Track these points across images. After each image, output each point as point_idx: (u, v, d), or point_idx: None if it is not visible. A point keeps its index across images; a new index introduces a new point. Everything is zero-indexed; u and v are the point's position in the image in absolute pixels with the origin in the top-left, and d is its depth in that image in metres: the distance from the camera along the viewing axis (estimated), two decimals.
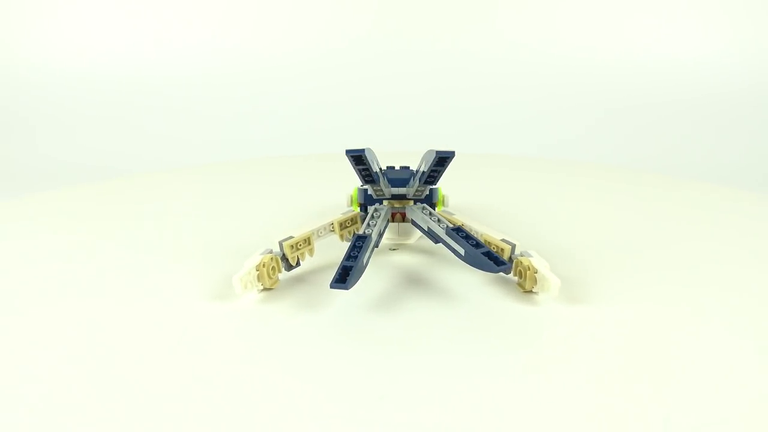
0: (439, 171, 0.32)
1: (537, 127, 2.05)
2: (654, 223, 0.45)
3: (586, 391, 0.22)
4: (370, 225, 0.33)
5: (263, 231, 0.43)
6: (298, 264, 0.33)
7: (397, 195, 0.36)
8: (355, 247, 0.30)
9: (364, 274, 0.31)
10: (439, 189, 0.39)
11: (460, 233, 0.31)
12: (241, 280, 0.29)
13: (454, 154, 0.31)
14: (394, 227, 0.38)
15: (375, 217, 0.34)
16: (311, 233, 0.34)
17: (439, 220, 0.33)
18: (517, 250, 0.33)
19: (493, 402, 0.22)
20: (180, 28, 2.16)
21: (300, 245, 0.33)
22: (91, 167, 1.85)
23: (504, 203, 0.51)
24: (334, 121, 2.08)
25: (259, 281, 0.31)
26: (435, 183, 0.34)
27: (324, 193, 0.54)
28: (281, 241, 0.33)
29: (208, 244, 0.40)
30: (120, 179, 0.62)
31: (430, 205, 0.38)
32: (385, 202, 0.36)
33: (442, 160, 0.31)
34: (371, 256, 0.32)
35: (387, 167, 0.40)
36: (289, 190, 0.56)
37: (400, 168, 0.39)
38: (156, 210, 0.49)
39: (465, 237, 0.31)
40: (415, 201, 0.37)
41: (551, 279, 0.30)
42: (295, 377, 0.23)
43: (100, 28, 2.14)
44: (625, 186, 0.58)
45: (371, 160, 0.32)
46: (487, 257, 0.29)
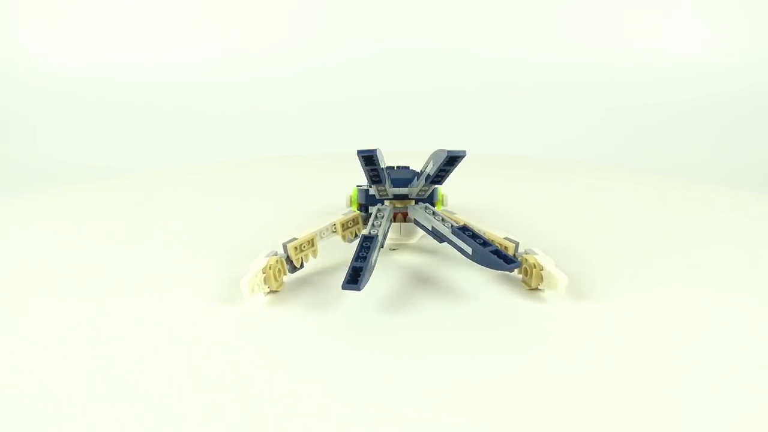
0: (448, 171, 0.32)
1: (537, 127, 2.05)
2: (654, 223, 0.45)
3: (601, 389, 0.22)
4: (375, 225, 0.33)
5: (264, 232, 0.43)
6: (302, 266, 0.33)
7: (398, 195, 0.36)
8: (363, 247, 0.30)
9: (371, 275, 0.31)
10: (438, 188, 0.39)
11: (466, 232, 0.31)
12: (248, 284, 0.29)
13: (465, 153, 0.30)
14: (397, 227, 0.38)
15: (379, 218, 0.34)
16: (314, 234, 0.34)
17: (443, 219, 0.33)
18: (520, 248, 0.33)
19: (511, 401, 0.22)
20: (180, 28, 2.16)
21: (304, 247, 0.33)
22: (91, 167, 1.85)
23: (503, 203, 0.51)
24: (333, 121, 2.08)
25: (265, 284, 0.30)
26: (441, 183, 0.34)
27: (323, 194, 0.54)
28: (285, 242, 0.32)
29: (209, 245, 0.40)
30: (120, 179, 0.62)
31: (430, 204, 0.37)
32: (386, 202, 0.36)
33: (453, 159, 0.31)
34: (378, 256, 0.32)
35: (385, 167, 0.40)
36: (288, 190, 0.56)
37: (397, 168, 0.39)
38: (156, 210, 0.49)
39: (472, 236, 0.31)
40: (416, 201, 0.36)
41: (558, 276, 0.30)
42: (310, 380, 0.23)
43: (100, 28, 2.14)
44: (626, 186, 0.58)
45: (381, 161, 0.32)
46: (496, 255, 0.29)
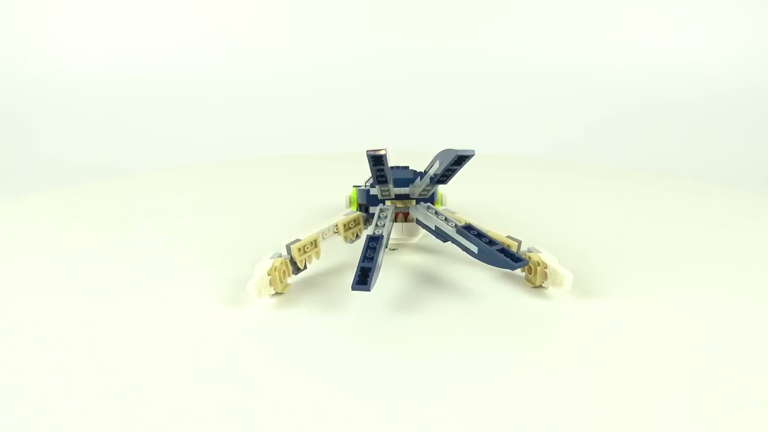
0: (455, 170, 0.32)
1: (537, 127, 2.05)
2: (654, 223, 0.45)
3: (614, 387, 0.22)
4: (379, 225, 0.33)
5: (265, 232, 0.43)
6: (305, 267, 0.33)
7: (400, 195, 0.36)
8: (370, 248, 0.30)
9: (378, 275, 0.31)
10: (437, 188, 0.39)
11: (471, 231, 0.31)
12: (256, 286, 0.29)
13: (474, 153, 0.30)
14: (398, 227, 0.38)
15: (382, 218, 0.34)
16: (317, 235, 0.33)
17: (446, 218, 0.33)
18: (523, 247, 0.34)
19: (531, 400, 0.22)
20: (180, 28, 2.15)
21: (307, 248, 0.32)
22: (91, 167, 1.85)
23: (502, 203, 0.51)
24: (333, 122, 2.08)
25: (271, 286, 0.30)
26: (446, 182, 0.34)
27: (321, 194, 0.54)
28: (288, 244, 0.32)
29: (210, 245, 0.40)
30: (120, 179, 0.62)
31: (430, 203, 0.37)
32: (388, 202, 0.36)
33: (461, 159, 0.30)
34: (383, 257, 0.32)
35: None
36: (287, 190, 0.56)
37: (395, 168, 0.39)
38: (156, 210, 0.49)
39: (477, 235, 0.31)
40: (417, 200, 0.36)
41: (564, 273, 0.30)
42: (327, 383, 0.23)
43: (100, 28, 2.14)
44: (626, 186, 0.58)
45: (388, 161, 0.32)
46: (503, 254, 0.29)
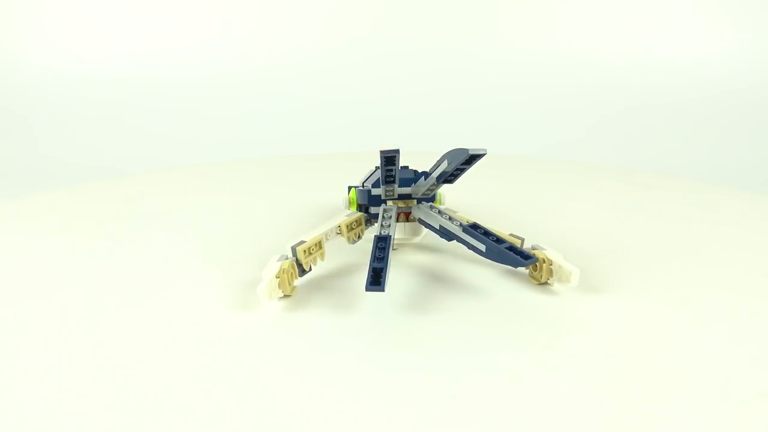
0: (464, 170, 0.32)
1: (537, 127, 2.06)
2: (654, 223, 0.45)
3: (635, 381, 0.22)
4: (384, 226, 0.33)
5: (267, 233, 0.42)
6: (310, 269, 0.32)
7: (402, 195, 0.36)
8: (379, 248, 0.30)
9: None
10: None
11: (478, 230, 0.31)
12: (267, 289, 0.28)
13: (485, 152, 0.29)
14: (401, 227, 0.38)
15: (387, 218, 0.34)
16: (321, 237, 0.33)
17: (450, 218, 0.33)
18: (526, 245, 0.34)
19: (557, 397, 0.22)
20: (180, 28, 2.16)
21: (312, 249, 0.32)
22: (91, 167, 1.85)
23: (502, 203, 0.51)
24: (333, 122, 2.08)
25: (280, 288, 0.30)
26: (453, 182, 0.34)
27: (322, 194, 0.54)
28: (294, 246, 0.31)
29: (212, 246, 0.39)
30: (120, 179, 0.62)
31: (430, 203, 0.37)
32: (389, 202, 0.36)
33: (473, 158, 0.30)
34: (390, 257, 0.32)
35: (377, 167, 0.40)
36: (286, 190, 0.56)
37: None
38: (157, 211, 0.49)
39: (484, 233, 0.31)
40: (419, 200, 0.36)
41: (571, 269, 0.30)
42: (352, 387, 0.23)
43: (101, 28, 2.14)
44: (626, 186, 0.58)
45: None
46: (512, 252, 0.29)
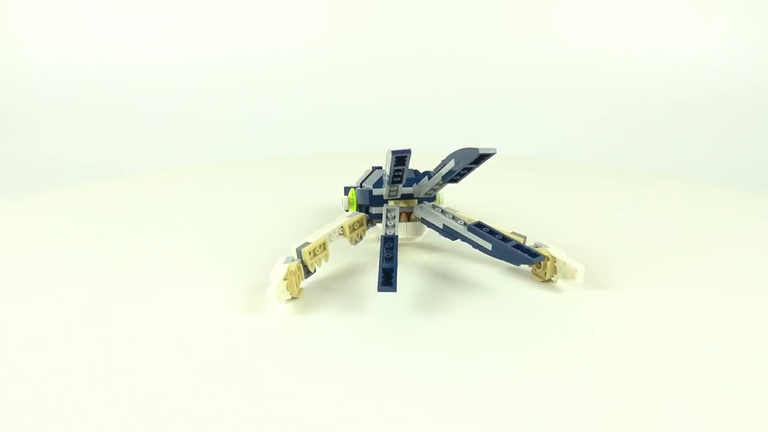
0: (471, 169, 0.31)
1: (537, 127, 2.05)
2: (654, 224, 0.45)
3: (653, 376, 0.22)
4: (389, 226, 0.33)
5: (269, 234, 0.42)
6: (314, 270, 0.32)
7: (405, 194, 0.36)
8: (387, 248, 0.30)
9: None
10: None
11: (483, 228, 0.31)
12: (277, 291, 0.28)
13: (495, 151, 0.29)
14: (403, 226, 0.38)
15: (391, 218, 0.34)
16: (326, 238, 0.33)
17: (454, 217, 0.33)
18: (529, 242, 0.34)
19: (576, 393, 0.22)
20: (180, 28, 2.16)
21: (317, 251, 0.32)
22: (91, 167, 1.85)
23: (502, 203, 0.51)
24: (333, 122, 2.08)
25: (288, 290, 0.29)
26: (458, 182, 0.34)
27: (322, 194, 0.54)
28: (299, 247, 0.31)
29: (215, 247, 0.39)
30: (120, 179, 0.62)
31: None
32: (391, 202, 0.36)
33: (482, 157, 0.29)
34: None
35: (373, 167, 0.40)
36: (289, 191, 0.56)
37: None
38: (157, 211, 0.49)
39: (490, 232, 0.31)
40: (420, 200, 0.36)
41: (576, 266, 0.30)
42: (371, 389, 0.22)
43: (100, 28, 2.14)
44: (626, 186, 0.58)
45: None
46: (520, 250, 0.29)
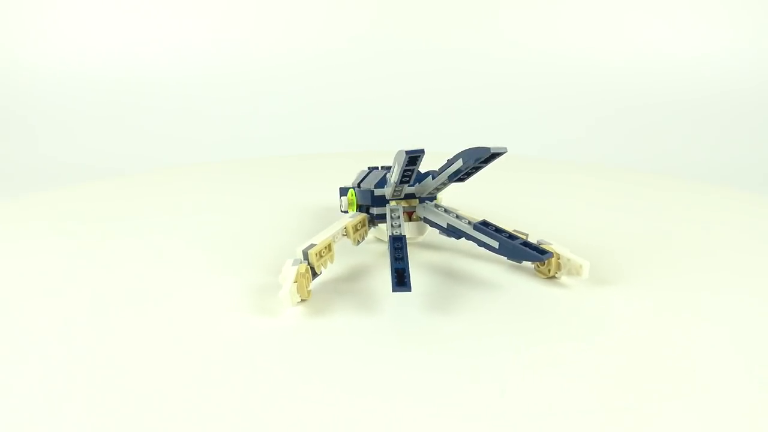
0: (479, 168, 0.31)
1: (537, 127, 2.06)
2: (654, 224, 0.45)
3: (676, 371, 0.22)
4: (394, 226, 0.33)
5: (270, 234, 0.42)
6: (320, 272, 0.32)
7: (407, 194, 0.36)
8: (396, 248, 0.30)
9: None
10: None
11: (489, 227, 0.31)
12: (290, 294, 0.28)
13: (506, 150, 0.29)
14: (404, 226, 0.38)
15: (395, 218, 0.34)
16: (330, 239, 0.32)
17: (457, 216, 0.33)
18: (531, 240, 0.34)
19: (596, 388, 0.22)
20: (180, 28, 2.16)
21: (323, 253, 0.31)
22: (91, 167, 1.85)
23: (501, 203, 0.51)
24: (333, 122, 2.08)
25: (298, 293, 0.29)
26: (465, 181, 0.33)
27: (322, 194, 0.54)
28: (305, 249, 0.30)
29: (217, 248, 0.39)
30: (120, 179, 0.62)
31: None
32: (393, 202, 0.36)
33: (493, 156, 0.29)
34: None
35: (369, 168, 0.40)
36: (289, 191, 0.56)
37: (382, 168, 0.39)
38: (157, 211, 0.49)
39: (496, 230, 0.31)
40: (421, 199, 0.36)
41: (581, 261, 0.30)
42: (395, 390, 0.22)
43: (100, 28, 2.14)
44: (626, 186, 0.58)
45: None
46: (527, 247, 0.29)
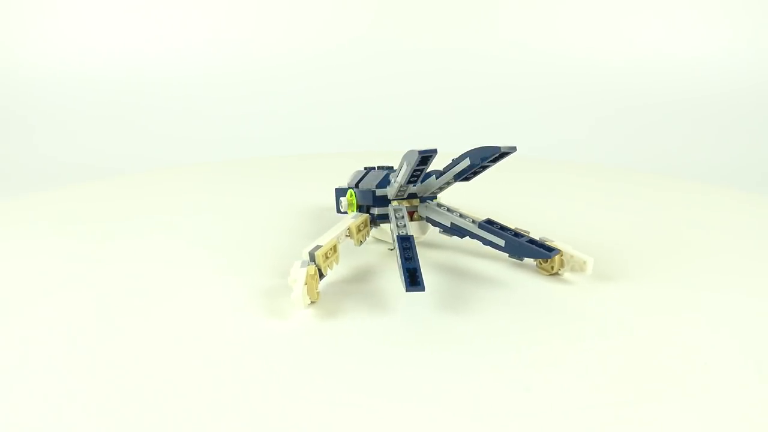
0: (486, 167, 0.31)
1: (537, 127, 2.05)
2: (654, 224, 0.45)
3: (682, 370, 0.22)
4: (400, 226, 0.32)
5: (271, 235, 0.42)
6: (326, 274, 0.31)
7: (409, 194, 0.36)
8: (405, 248, 0.30)
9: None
10: None
11: (494, 225, 0.32)
12: (302, 296, 0.27)
13: (515, 149, 0.29)
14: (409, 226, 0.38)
15: (399, 217, 0.33)
16: (336, 240, 0.32)
17: (461, 215, 0.33)
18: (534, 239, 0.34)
19: (617, 384, 0.22)
20: (180, 29, 2.16)
21: (329, 254, 0.31)
22: (91, 167, 1.85)
23: (501, 204, 0.51)
24: (333, 122, 2.08)
25: (308, 295, 0.29)
26: (470, 180, 0.33)
27: (322, 194, 0.54)
28: (311, 251, 0.30)
29: (220, 249, 0.39)
30: (120, 178, 0.62)
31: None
32: (395, 202, 0.36)
33: (501, 155, 0.29)
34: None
35: (365, 168, 0.40)
36: (289, 191, 0.56)
37: (378, 168, 0.39)
38: (158, 211, 0.49)
39: (501, 228, 0.31)
40: (423, 199, 0.36)
41: (585, 258, 0.31)
42: (420, 391, 0.22)
43: (100, 28, 2.14)
44: (626, 186, 0.58)
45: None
46: (534, 245, 0.30)
